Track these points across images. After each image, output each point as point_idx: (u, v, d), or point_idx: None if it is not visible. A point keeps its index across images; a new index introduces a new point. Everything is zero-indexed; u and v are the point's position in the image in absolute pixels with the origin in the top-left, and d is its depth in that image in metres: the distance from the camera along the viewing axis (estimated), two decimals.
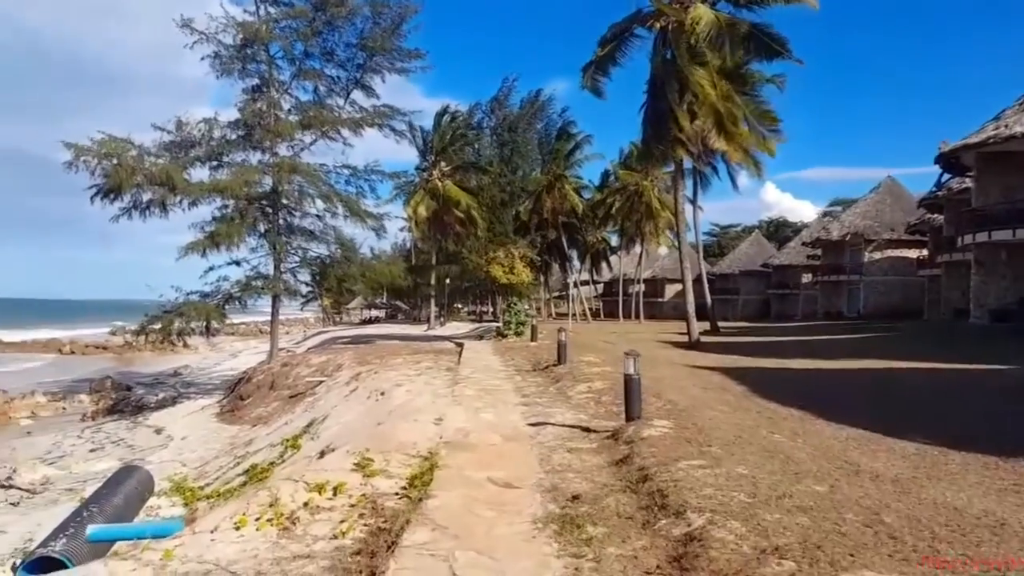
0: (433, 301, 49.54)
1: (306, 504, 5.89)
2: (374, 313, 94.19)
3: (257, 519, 5.54)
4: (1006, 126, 23.41)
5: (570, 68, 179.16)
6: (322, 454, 10.19)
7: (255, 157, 24.78)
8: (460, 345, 24.95)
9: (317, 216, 25.85)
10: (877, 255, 52.57)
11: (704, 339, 23.29)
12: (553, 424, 8.53)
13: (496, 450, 7.35)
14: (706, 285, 38.10)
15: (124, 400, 28.22)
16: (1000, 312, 24.56)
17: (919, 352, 19.06)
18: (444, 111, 46.54)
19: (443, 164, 44.54)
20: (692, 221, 42.11)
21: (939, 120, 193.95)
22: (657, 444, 6.73)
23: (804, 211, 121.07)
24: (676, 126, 21.83)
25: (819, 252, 60.53)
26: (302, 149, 25.92)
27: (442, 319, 52.82)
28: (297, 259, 26.35)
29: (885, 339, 26.38)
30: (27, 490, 15.00)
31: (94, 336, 63.93)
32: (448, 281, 50.15)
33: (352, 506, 5.83)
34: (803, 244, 64.37)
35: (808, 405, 9.92)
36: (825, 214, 78.00)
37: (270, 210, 25.16)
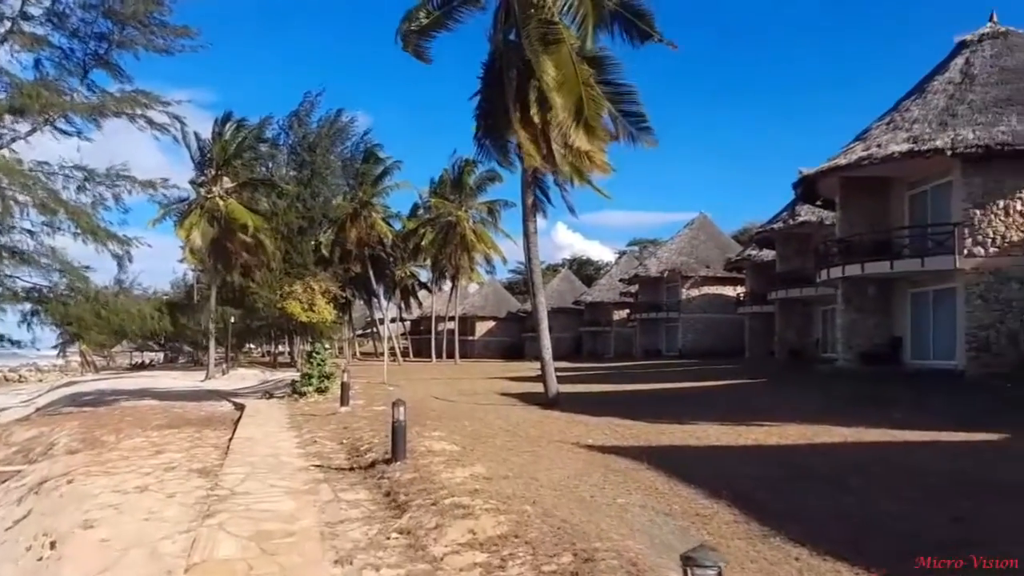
0: (213, 345, 41.17)
1: None
2: (148, 357, 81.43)
3: None
4: (878, 145, 20.96)
5: (370, 103, 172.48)
6: None
7: None
8: (240, 408, 18.42)
9: (29, 232, 18.29)
10: (694, 292, 51.56)
11: (561, 389, 18.36)
12: None
13: None
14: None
15: None
16: (871, 355, 22.02)
17: (821, 409, 15.40)
18: (227, 117, 38.73)
19: (226, 180, 36.95)
20: (526, 251, 37.62)
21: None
22: None
23: (595, 252, 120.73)
24: (522, 119, 17.13)
25: (634, 289, 58.91)
26: (12, 140, 18.50)
27: (224, 366, 44.34)
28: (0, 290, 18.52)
29: (753, 387, 23.12)
30: None
31: None
32: (234, 320, 42.02)
33: None
34: (620, 280, 62.92)
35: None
36: (623, 253, 77.85)
37: None
